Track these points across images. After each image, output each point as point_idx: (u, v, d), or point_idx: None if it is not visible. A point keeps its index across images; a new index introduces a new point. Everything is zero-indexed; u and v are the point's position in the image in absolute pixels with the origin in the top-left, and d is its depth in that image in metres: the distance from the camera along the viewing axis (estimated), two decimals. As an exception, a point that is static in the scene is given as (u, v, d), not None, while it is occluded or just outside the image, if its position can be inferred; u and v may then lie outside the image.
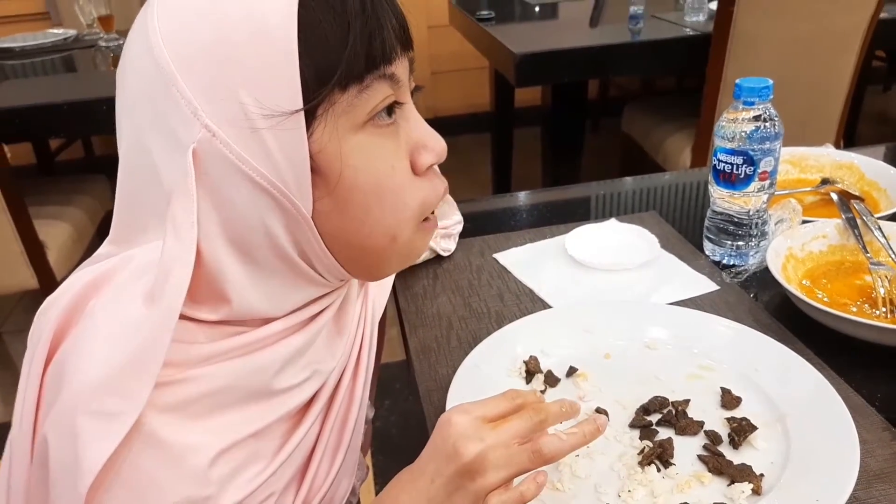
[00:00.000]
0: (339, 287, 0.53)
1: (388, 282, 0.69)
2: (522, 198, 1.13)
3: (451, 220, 0.92)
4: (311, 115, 0.43)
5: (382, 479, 1.41)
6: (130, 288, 0.43)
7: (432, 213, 0.52)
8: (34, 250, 1.67)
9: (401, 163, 0.48)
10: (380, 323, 0.65)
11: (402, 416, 1.79)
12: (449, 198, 0.90)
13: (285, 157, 0.43)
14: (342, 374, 0.56)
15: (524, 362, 0.69)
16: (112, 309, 0.43)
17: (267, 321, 0.48)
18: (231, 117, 0.42)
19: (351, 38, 0.43)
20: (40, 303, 0.48)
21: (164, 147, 0.43)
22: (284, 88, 0.42)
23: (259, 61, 0.41)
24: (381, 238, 0.48)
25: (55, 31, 2.45)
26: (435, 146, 0.50)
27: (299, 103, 0.42)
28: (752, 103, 0.80)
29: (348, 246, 0.48)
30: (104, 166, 2.16)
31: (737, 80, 0.81)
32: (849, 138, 2.15)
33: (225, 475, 0.45)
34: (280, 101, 0.42)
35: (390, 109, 0.47)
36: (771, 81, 0.80)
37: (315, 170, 0.44)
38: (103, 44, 2.21)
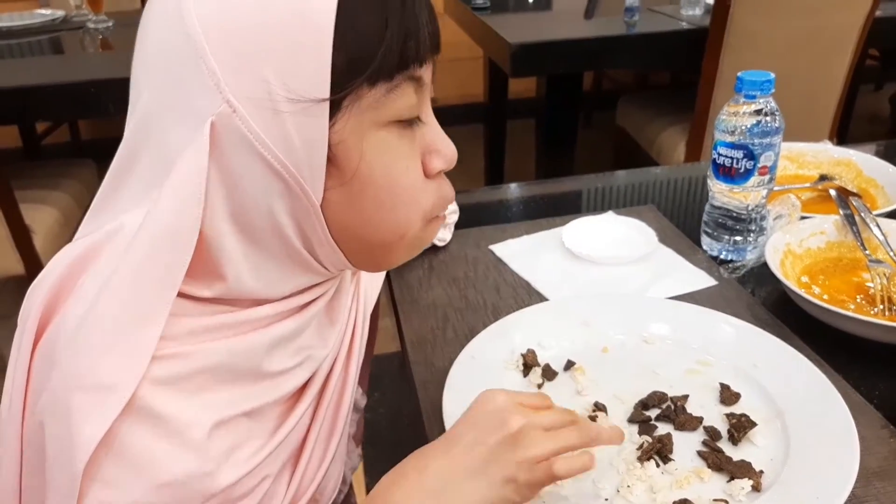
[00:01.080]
0: (334, 277, 0.53)
1: (381, 272, 0.68)
2: (518, 189, 1.12)
3: (447, 209, 0.91)
4: (335, 106, 0.42)
5: (371, 470, 1.40)
6: (124, 261, 0.42)
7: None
8: (20, 235, 1.65)
9: (414, 163, 0.48)
10: (372, 313, 0.64)
11: (391, 409, 1.78)
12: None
13: (303, 143, 0.42)
14: (335, 362, 0.56)
15: (522, 355, 0.68)
16: (103, 284, 0.42)
17: (257, 303, 0.47)
18: (254, 96, 0.41)
19: (388, 34, 0.42)
20: (26, 288, 0.46)
21: (180, 115, 0.42)
22: (313, 75, 0.41)
23: (292, 44, 0.40)
24: (390, 235, 0.48)
25: (43, 11, 2.40)
26: (447, 153, 0.50)
27: (326, 92, 0.41)
28: (754, 97, 0.80)
29: (355, 238, 0.48)
30: (91, 151, 2.13)
31: (738, 74, 0.80)
32: (841, 137, 2.15)
33: (222, 451, 0.44)
34: (307, 88, 0.41)
35: None
36: (773, 75, 0.79)
37: (331, 160, 0.44)
38: (92, 25, 2.17)
